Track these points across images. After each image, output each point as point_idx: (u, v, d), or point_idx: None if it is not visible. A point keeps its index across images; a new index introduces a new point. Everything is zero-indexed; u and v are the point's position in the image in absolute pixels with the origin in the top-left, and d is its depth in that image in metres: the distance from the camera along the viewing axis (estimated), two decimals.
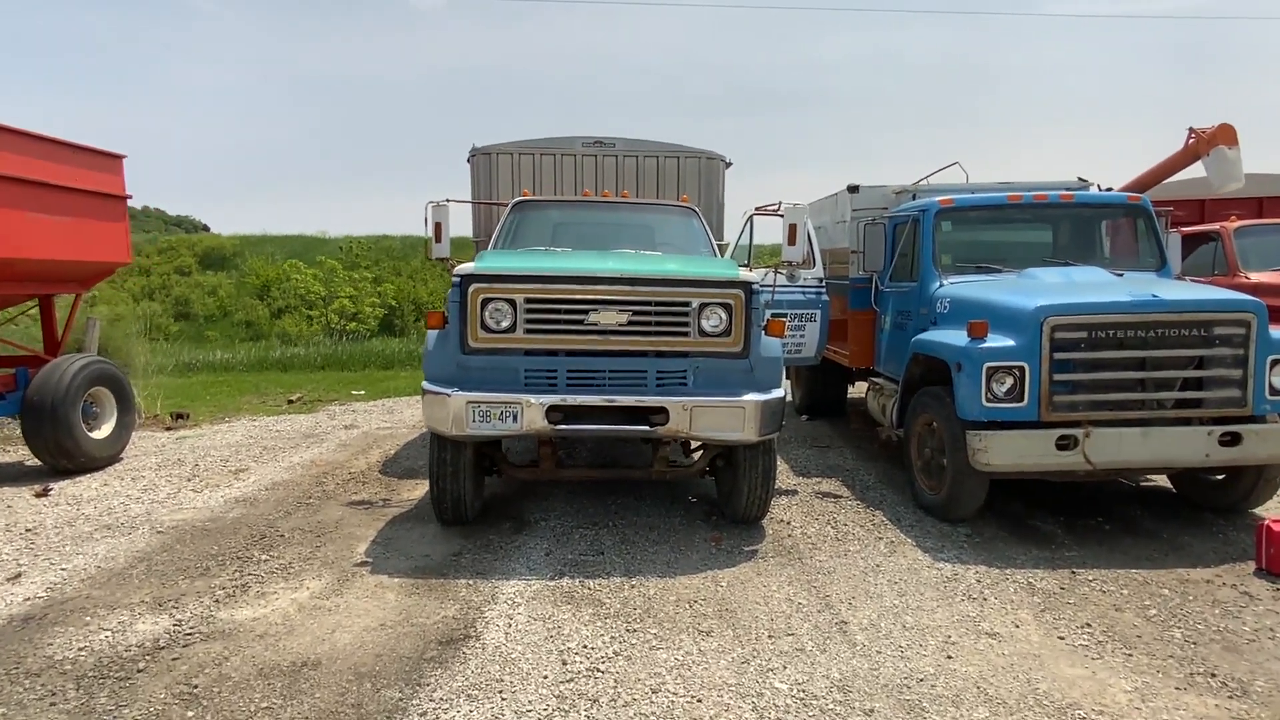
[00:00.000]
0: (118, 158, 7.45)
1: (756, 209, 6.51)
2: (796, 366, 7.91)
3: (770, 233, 7.02)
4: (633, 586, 4.30)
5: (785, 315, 6.42)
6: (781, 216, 5.98)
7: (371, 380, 14.04)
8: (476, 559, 4.73)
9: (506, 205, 6.47)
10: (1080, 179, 7.51)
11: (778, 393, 4.95)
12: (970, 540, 5.11)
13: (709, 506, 5.82)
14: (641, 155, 7.39)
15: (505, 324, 4.73)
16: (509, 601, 4.09)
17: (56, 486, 6.29)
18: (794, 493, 6.32)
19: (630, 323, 4.75)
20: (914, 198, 7.23)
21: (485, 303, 4.72)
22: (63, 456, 6.62)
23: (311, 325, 23.12)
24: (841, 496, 6.20)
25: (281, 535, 5.14)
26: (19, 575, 4.41)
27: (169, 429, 9.12)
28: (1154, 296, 4.99)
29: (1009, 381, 4.93)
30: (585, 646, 3.59)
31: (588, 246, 6.15)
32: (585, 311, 4.74)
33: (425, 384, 4.82)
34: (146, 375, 10.21)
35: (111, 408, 7.19)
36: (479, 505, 5.36)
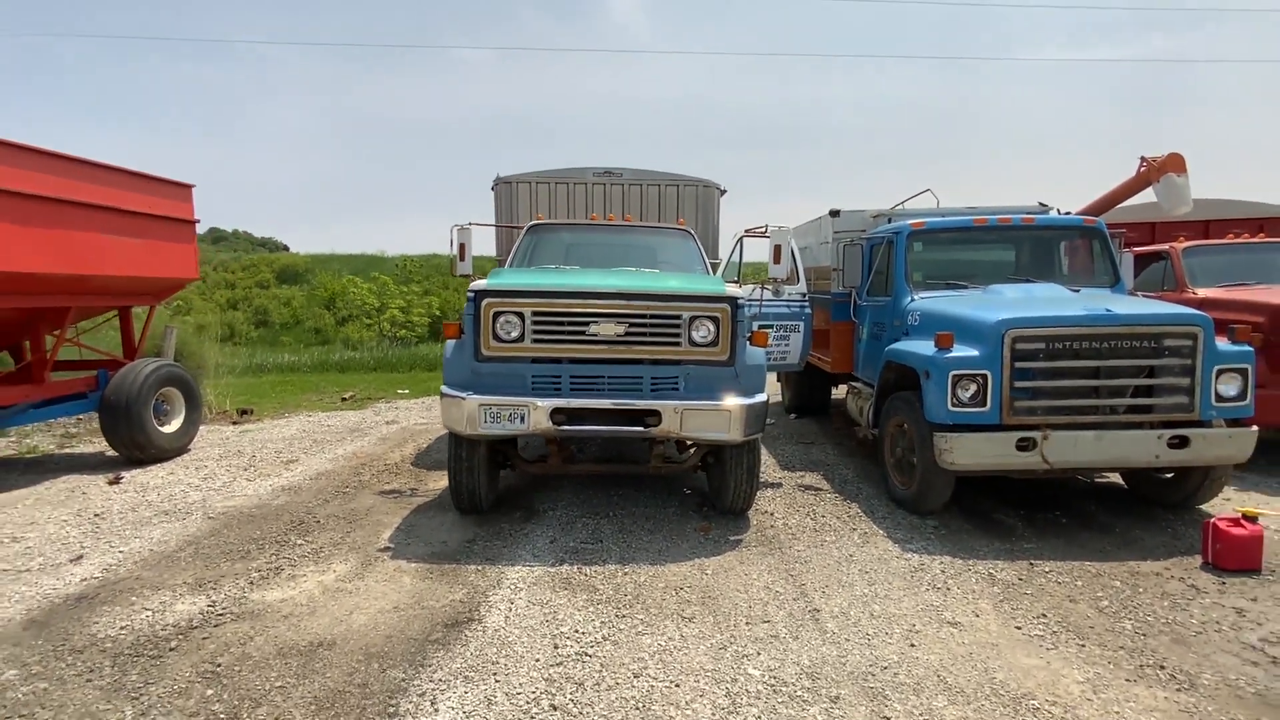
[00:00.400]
0: (187, 187, 7.39)
1: (746, 231, 6.31)
2: (786, 370, 7.72)
3: (759, 252, 6.78)
4: (625, 574, 4.11)
5: (772, 326, 6.21)
6: (768, 238, 5.77)
7: (416, 380, 13.95)
8: (487, 545, 4.56)
9: (523, 228, 6.33)
10: (1041, 204, 7.22)
11: (761, 397, 4.74)
12: (937, 532, 4.86)
13: (700, 499, 5.61)
14: (645, 184, 7.21)
15: (515, 334, 4.57)
16: (512, 586, 3.91)
17: (128, 475, 6.21)
18: (779, 485, 6.09)
19: (627, 333, 4.57)
20: (890, 221, 6.97)
21: (497, 315, 4.57)
22: (135, 449, 6.56)
23: (369, 332, 23.16)
24: (822, 490, 5.96)
25: (318, 521, 5.01)
26: (81, 557, 4.31)
27: (235, 423, 9.06)
28: (1108, 311, 4.72)
29: (973, 388, 4.69)
30: (577, 631, 3.40)
31: (596, 265, 5.98)
32: (586, 323, 4.57)
33: (444, 388, 4.67)
34: (218, 376, 10.18)
35: (180, 405, 7.12)
36: (493, 497, 5.19)
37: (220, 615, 3.52)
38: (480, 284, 4.59)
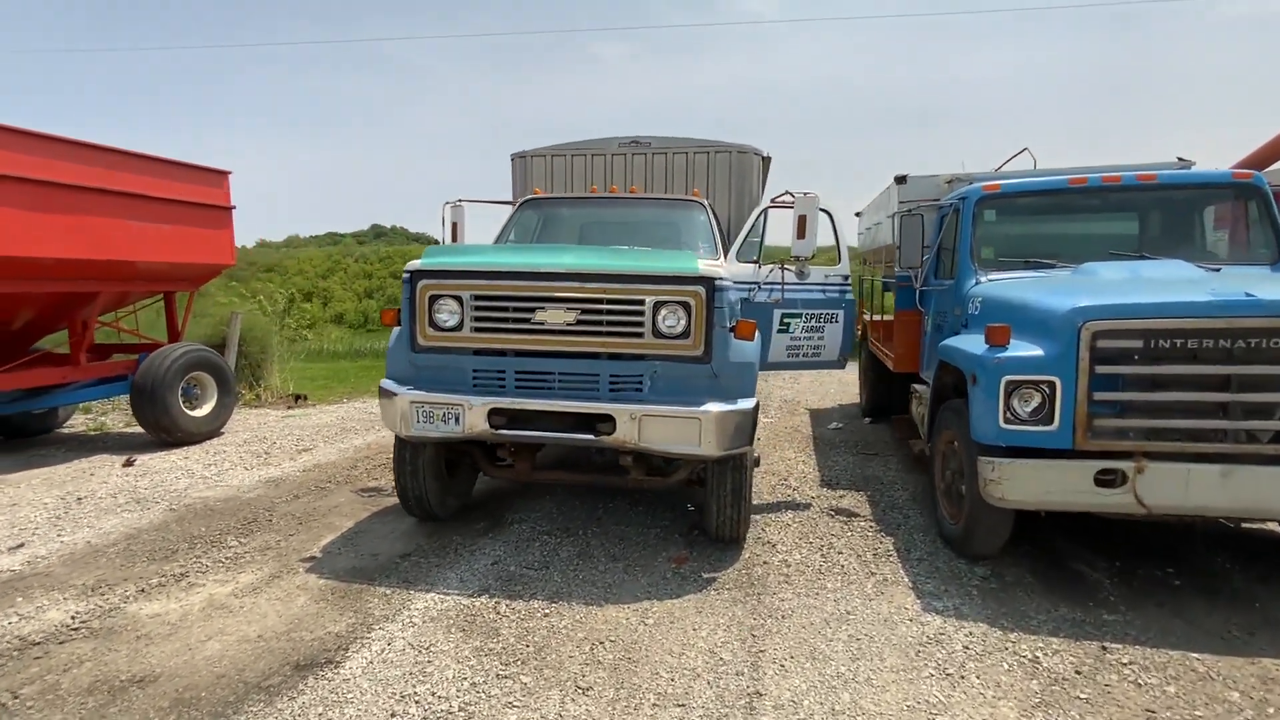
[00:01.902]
0: (223, 173, 7.43)
1: (772, 201, 5.28)
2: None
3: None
4: (547, 614, 3.35)
5: (800, 316, 5.16)
6: (792, 207, 4.73)
7: None
8: (420, 562, 3.96)
9: (516, 204, 5.68)
10: (1180, 159, 5.55)
11: (746, 403, 3.79)
12: (984, 586, 3.69)
13: (699, 519, 4.73)
14: (671, 152, 6.32)
15: (454, 322, 3.92)
16: (406, 620, 3.28)
17: (142, 459, 6.27)
18: (807, 507, 5.05)
19: (580, 322, 3.79)
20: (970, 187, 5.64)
21: (433, 299, 3.94)
22: (162, 431, 6.66)
23: None
24: (858, 515, 4.86)
25: (270, 520, 4.66)
26: (21, 545, 4.19)
27: (290, 409, 9.21)
28: (1248, 296, 3.32)
29: (1035, 399, 3.46)
30: (434, 694, 2.70)
31: (592, 243, 5.23)
32: (532, 310, 3.84)
33: (382, 382, 4.12)
34: (282, 361, 10.48)
35: (212, 390, 7.19)
36: (454, 503, 4.61)
37: (76, 630, 3.16)
38: (416, 264, 3.98)
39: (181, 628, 3.19)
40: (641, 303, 3.74)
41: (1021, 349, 3.57)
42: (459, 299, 3.90)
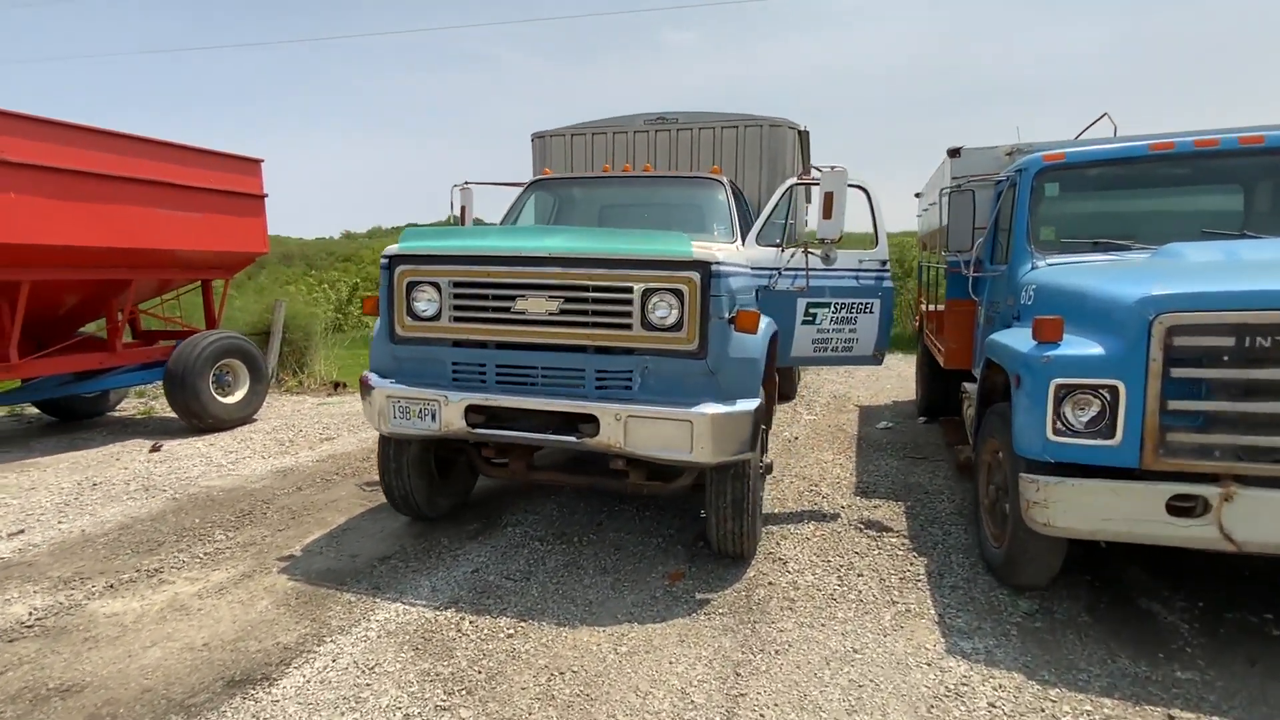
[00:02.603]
0: (256, 161, 7.45)
1: (799, 178, 4.74)
2: (927, 363, 5.81)
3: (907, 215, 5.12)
4: (510, 635, 3.02)
5: (828, 305, 4.63)
6: (818, 184, 4.21)
7: None
8: (395, 568, 3.72)
9: (522, 186, 5.35)
10: None
11: (747, 404, 3.34)
12: (1026, 624, 3.13)
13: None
14: (697, 128, 5.84)
15: (432, 310, 3.64)
16: (360, 634, 3.02)
17: (171, 444, 6.35)
18: (833, 518, 4.54)
19: (564, 312, 3.42)
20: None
21: (411, 286, 3.66)
22: (193, 417, 6.74)
23: None
24: (890, 530, 4.32)
25: (264, 514, 4.54)
26: (21, 532, 4.21)
27: (328, 396, 9.28)
28: None
29: (1093, 407, 2.87)
30: None
31: (604, 224, 4.85)
32: (512, 297, 3.50)
33: (364, 373, 3.89)
34: (328, 348, 10.60)
35: (244, 377, 7.25)
36: (445, 502, 4.34)
37: (30, 628, 3.06)
38: (393, 248, 3.71)
39: (132, 631, 3.04)
40: (629, 290, 3.34)
41: (1077, 346, 2.97)
42: (437, 286, 3.61)
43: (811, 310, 4.54)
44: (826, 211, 4.12)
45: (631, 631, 3.08)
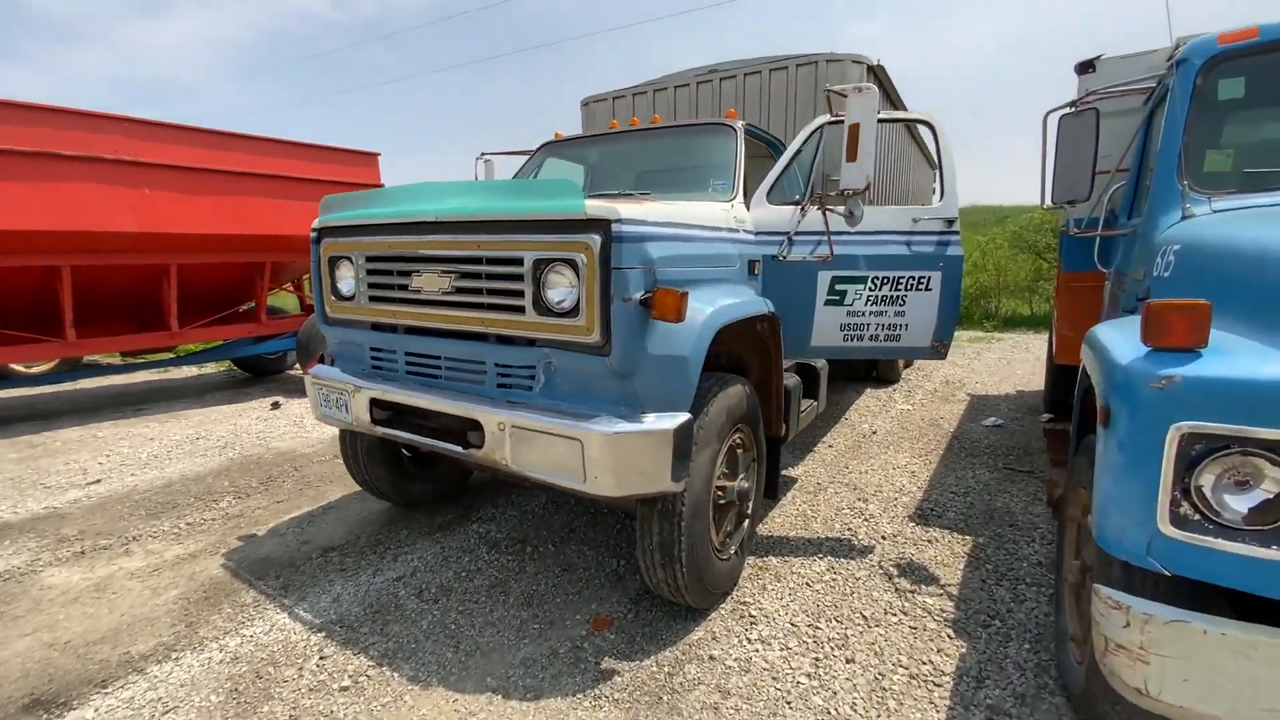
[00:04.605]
0: (373, 155, 7.20)
1: (833, 114, 3.13)
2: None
3: (1002, 186, 3.46)
4: (343, 689, 2.11)
5: (864, 280, 3.06)
6: (842, 119, 2.65)
7: None
8: (325, 564, 2.99)
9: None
10: None
11: (663, 421, 2.07)
12: None
13: None
14: (743, 74, 4.31)
15: (350, 289, 2.79)
16: (202, 658, 2.30)
17: (290, 403, 6.34)
18: (864, 554, 3.06)
19: (458, 289, 2.38)
20: None
21: (334, 262, 2.83)
22: None
23: None
24: (933, 583, 2.77)
25: (281, 483, 4.09)
26: (97, 482, 4.15)
27: None
28: None
29: (1265, 483, 1.23)
30: None
31: (606, 187, 3.66)
32: (409, 273, 2.52)
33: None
34: None
35: None
36: (422, 489, 3.55)
37: None
38: (317, 220, 2.89)
39: (41, 611, 2.62)
40: (519, 262, 2.19)
41: (1233, 359, 1.31)
42: (352, 261, 2.74)
43: (839, 286, 2.99)
44: (850, 151, 2.56)
45: (490, 705, 2.03)
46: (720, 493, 2.47)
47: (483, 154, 4.30)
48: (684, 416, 2.09)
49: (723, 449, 2.44)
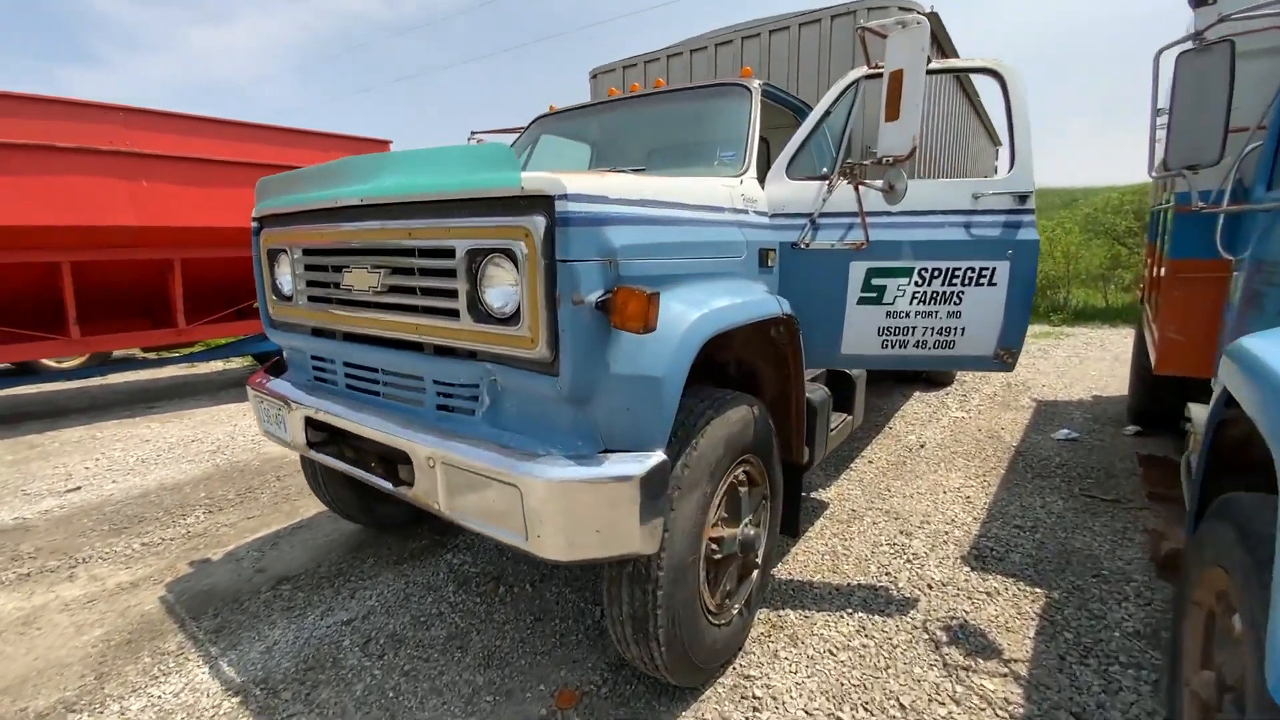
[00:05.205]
0: (385, 143, 6.89)
1: (872, 65, 2.52)
2: (1145, 353, 3.04)
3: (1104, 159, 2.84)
4: None
5: (908, 273, 2.48)
6: (881, 70, 2.05)
7: None
8: (273, 600, 2.63)
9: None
10: None
11: (636, 465, 1.56)
12: None
13: None
14: (768, 31, 3.70)
15: (289, 287, 2.39)
16: None
17: None
18: (906, 609, 2.49)
19: (390, 288, 1.93)
20: None
21: (273, 255, 2.44)
22: None
23: None
24: (994, 655, 2.19)
25: (259, 495, 3.79)
26: (76, 489, 3.95)
27: None
28: None
29: None
30: None
31: (609, 162, 3.17)
32: (341, 267, 2.09)
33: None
34: None
35: None
36: (394, 511, 3.16)
37: None
38: (257, 207, 2.49)
39: None
40: (452, 254, 1.72)
41: None
42: (288, 254, 2.34)
43: (876, 280, 2.40)
44: (890, 106, 1.97)
45: None
46: (716, 546, 1.95)
47: (473, 133, 3.85)
48: (656, 457, 1.58)
49: (719, 490, 1.92)
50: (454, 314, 1.75)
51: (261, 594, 2.68)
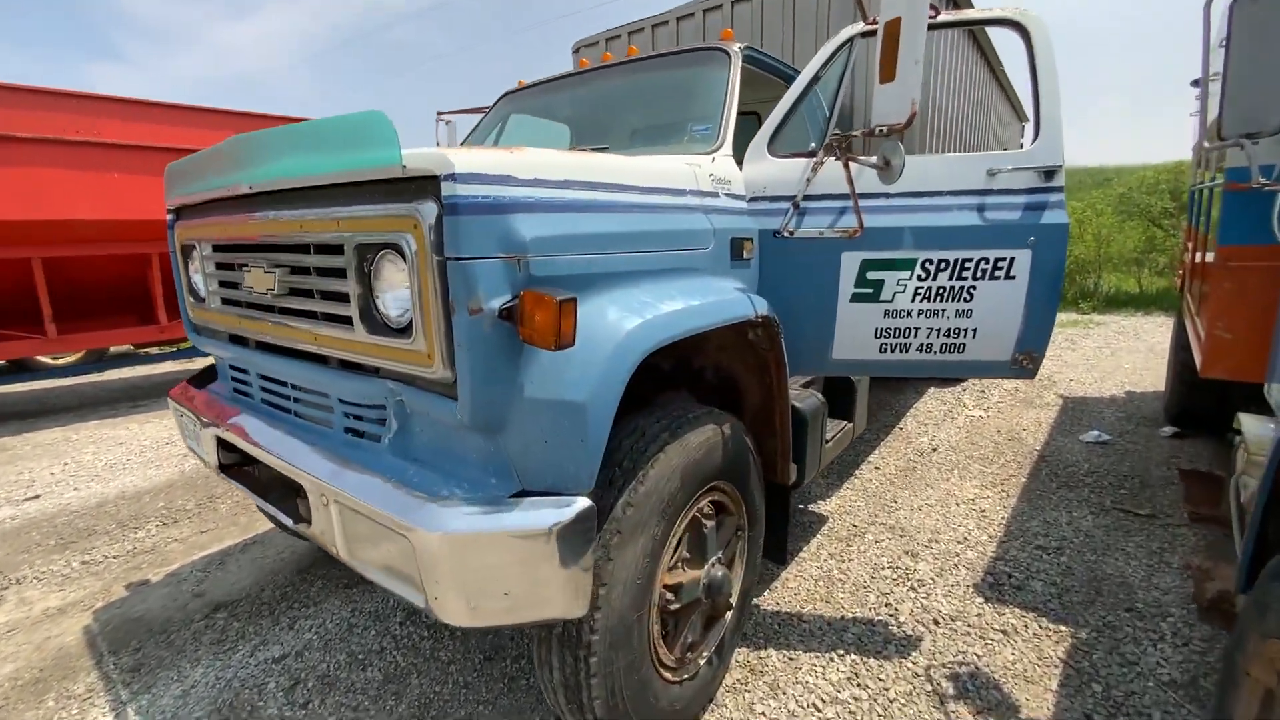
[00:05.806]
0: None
1: (869, 23, 2.15)
2: (1186, 348, 2.64)
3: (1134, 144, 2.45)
4: None
5: (912, 265, 2.12)
6: (876, 26, 1.70)
7: None
8: (209, 630, 2.40)
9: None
10: None
11: (552, 513, 1.25)
12: None
13: None
14: None
15: (203, 287, 2.12)
16: None
17: None
18: (912, 647, 2.17)
19: (292, 290, 1.64)
20: None
21: (186, 251, 2.17)
22: None
23: None
24: (1015, 716, 1.86)
25: (218, 506, 3.59)
26: (36, 498, 3.77)
27: None
28: None
29: None
30: None
31: (599, 141, 2.83)
32: (240, 265, 1.82)
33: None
34: None
35: None
36: None
37: None
38: (168, 197, 2.22)
39: None
40: (340, 250, 1.43)
41: None
42: (198, 249, 2.06)
43: (873, 274, 2.05)
44: (885, 65, 1.62)
45: None
46: (672, 595, 1.65)
47: (440, 114, 3.54)
48: (579, 504, 1.27)
49: (677, 528, 1.62)
50: (345, 320, 1.46)
51: (193, 623, 2.45)
